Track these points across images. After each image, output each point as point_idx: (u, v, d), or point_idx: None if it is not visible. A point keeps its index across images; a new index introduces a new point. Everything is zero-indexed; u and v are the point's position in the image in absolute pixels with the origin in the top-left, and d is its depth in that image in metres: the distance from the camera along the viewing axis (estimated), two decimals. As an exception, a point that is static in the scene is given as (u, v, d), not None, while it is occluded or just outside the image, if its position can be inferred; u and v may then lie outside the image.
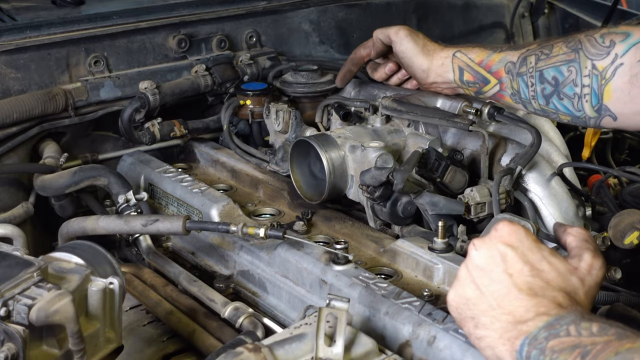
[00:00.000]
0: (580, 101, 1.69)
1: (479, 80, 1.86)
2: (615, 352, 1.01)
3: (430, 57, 1.92)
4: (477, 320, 1.20)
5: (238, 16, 2.40)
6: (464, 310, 1.23)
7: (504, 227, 1.23)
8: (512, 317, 1.17)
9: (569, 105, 1.71)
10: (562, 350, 1.08)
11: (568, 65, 1.70)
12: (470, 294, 1.21)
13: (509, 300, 1.18)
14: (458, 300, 1.23)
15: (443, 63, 1.90)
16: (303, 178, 1.91)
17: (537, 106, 1.78)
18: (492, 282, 1.20)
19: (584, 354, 1.05)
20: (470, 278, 1.22)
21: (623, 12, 2.79)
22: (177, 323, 1.61)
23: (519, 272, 1.19)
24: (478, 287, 1.21)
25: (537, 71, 1.74)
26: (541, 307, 1.16)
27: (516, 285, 1.18)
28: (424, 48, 1.93)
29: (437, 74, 1.91)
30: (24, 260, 1.27)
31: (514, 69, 1.79)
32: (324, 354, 1.21)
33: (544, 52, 1.75)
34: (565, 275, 1.21)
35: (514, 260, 1.20)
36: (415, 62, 1.93)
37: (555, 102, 1.73)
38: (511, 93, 1.81)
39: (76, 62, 2.16)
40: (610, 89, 1.64)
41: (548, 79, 1.73)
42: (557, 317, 1.13)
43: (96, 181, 1.92)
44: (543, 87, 1.74)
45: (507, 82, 1.81)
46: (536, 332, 1.13)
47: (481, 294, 1.20)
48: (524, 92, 1.78)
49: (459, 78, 1.88)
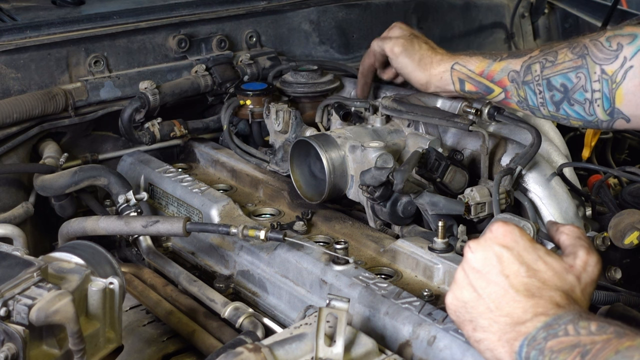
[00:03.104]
0: (591, 106, 1.68)
1: (481, 90, 1.85)
2: (615, 350, 1.01)
3: (427, 72, 1.90)
4: (475, 323, 1.20)
5: (238, 16, 2.40)
6: (462, 314, 1.22)
7: (499, 228, 1.22)
8: (510, 319, 1.16)
9: (580, 110, 1.70)
10: (561, 350, 1.08)
11: (576, 72, 1.68)
12: (468, 296, 1.21)
13: (506, 301, 1.18)
14: (456, 304, 1.23)
15: (442, 77, 1.88)
16: (303, 178, 1.91)
17: (546, 112, 1.76)
18: (488, 284, 1.20)
19: (584, 353, 1.05)
20: (467, 281, 1.22)
21: (623, 12, 2.79)
22: (177, 323, 1.60)
23: (515, 273, 1.19)
24: (475, 290, 1.20)
25: (544, 79, 1.73)
26: (539, 308, 1.15)
27: (513, 286, 1.18)
28: (420, 62, 1.91)
29: (436, 86, 1.90)
30: (24, 260, 1.27)
31: (518, 78, 1.78)
32: (324, 354, 1.21)
33: (548, 59, 1.73)
34: (561, 274, 1.20)
35: (509, 261, 1.20)
36: (413, 77, 1.92)
37: (565, 108, 1.72)
38: (518, 100, 1.80)
39: (76, 62, 2.16)
40: (622, 92, 1.64)
41: (556, 86, 1.72)
42: (555, 317, 1.13)
43: (96, 181, 1.92)
44: (552, 94, 1.73)
45: (512, 90, 1.80)
46: (535, 333, 1.13)
47: (478, 297, 1.20)
48: (532, 100, 1.77)
49: (460, 88, 1.87)
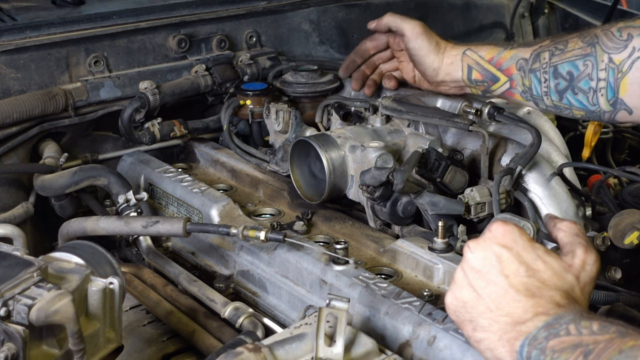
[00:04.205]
0: (595, 95, 1.68)
1: (487, 78, 1.85)
2: (618, 350, 1.01)
3: (441, 56, 1.90)
4: (475, 323, 1.20)
5: (238, 16, 2.40)
6: (462, 314, 1.22)
7: (498, 227, 1.22)
8: (510, 319, 1.16)
9: (583, 99, 1.71)
10: (563, 349, 1.08)
11: (584, 59, 1.69)
12: (468, 296, 1.21)
13: (506, 301, 1.17)
14: (456, 303, 1.23)
15: (453, 61, 1.89)
16: (303, 178, 1.91)
17: (549, 103, 1.77)
18: (488, 284, 1.19)
19: (587, 352, 1.05)
20: (466, 281, 1.22)
21: (623, 12, 2.79)
22: (177, 323, 1.60)
23: (514, 272, 1.19)
24: (475, 290, 1.20)
25: (551, 66, 1.73)
26: (539, 307, 1.15)
27: (513, 286, 1.18)
28: (437, 46, 1.91)
29: (445, 72, 1.90)
30: (24, 260, 1.27)
31: (526, 66, 1.78)
32: (324, 354, 1.21)
33: (558, 47, 1.74)
34: (560, 273, 1.20)
35: (509, 261, 1.20)
36: (427, 60, 1.92)
37: (569, 97, 1.73)
38: (522, 90, 1.80)
39: (76, 62, 2.16)
40: (627, 82, 1.64)
41: (562, 73, 1.72)
42: (556, 317, 1.13)
43: (96, 181, 1.92)
44: (557, 82, 1.73)
45: (518, 79, 1.80)
46: (535, 332, 1.12)
47: (478, 297, 1.20)
48: (536, 89, 1.77)
49: (467, 77, 1.88)
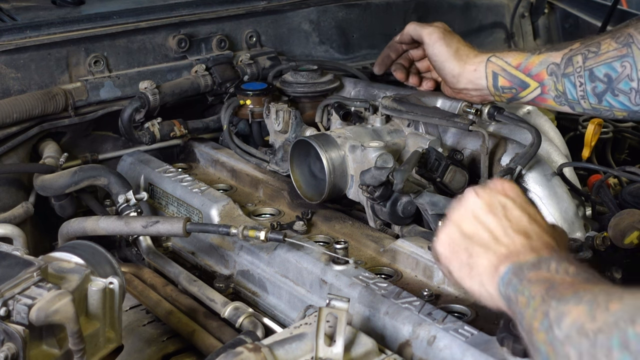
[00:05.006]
0: (637, 95, 1.67)
1: (515, 84, 1.80)
2: (574, 291, 1.05)
3: (462, 62, 1.85)
4: (471, 250, 1.24)
5: (238, 16, 2.40)
6: (457, 244, 1.26)
7: (502, 182, 1.28)
8: (506, 249, 1.20)
9: (625, 100, 1.70)
10: (536, 281, 1.11)
11: (621, 60, 1.68)
12: (469, 227, 1.25)
13: (506, 236, 1.22)
14: (452, 236, 1.27)
15: (476, 69, 1.83)
16: (303, 178, 1.91)
17: (587, 106, 1.75)
18: (492, 220, 1.24)
19: (549, 287, 1.08)
20: (471, 214, 1.26)
21: (623, 12, 2.79)
22: (177, 323, 1.60)
23: (517, 218, 1.24)
24: (479, 222, 1.25)
25: (586, 70, 1.71)
26: (535, 246, 1.20)
27: (514, 228, 1.23)
28: (457, 53, 1.86)
29: (468, 80, 1.84)
30: (24, 260, 1.27)
31: (558, 71, 1.75)
32: (324, 353, 1.21)
33: (591, 50, 1.72)
34: (550, 229, 1.26)
35: (513, 209, 1.25)
36: (447, 66, 1.87)
37: (609, 99, 1.71)
38: (555, 95, 1.77)
39: (76, 62, 2.16)
40: None
41: (599, 76, 1.70)
42: (547, 257, 1.16)
43: (96, 181, 1.92)
44: (594, 85, 1.71)
45: (550, 84, 1.77)
46: (523, 263, 1.16)
47: (481, 228, 1.24)
48: (571, 93, 1.74)
49: (493, 84, 1.82)
